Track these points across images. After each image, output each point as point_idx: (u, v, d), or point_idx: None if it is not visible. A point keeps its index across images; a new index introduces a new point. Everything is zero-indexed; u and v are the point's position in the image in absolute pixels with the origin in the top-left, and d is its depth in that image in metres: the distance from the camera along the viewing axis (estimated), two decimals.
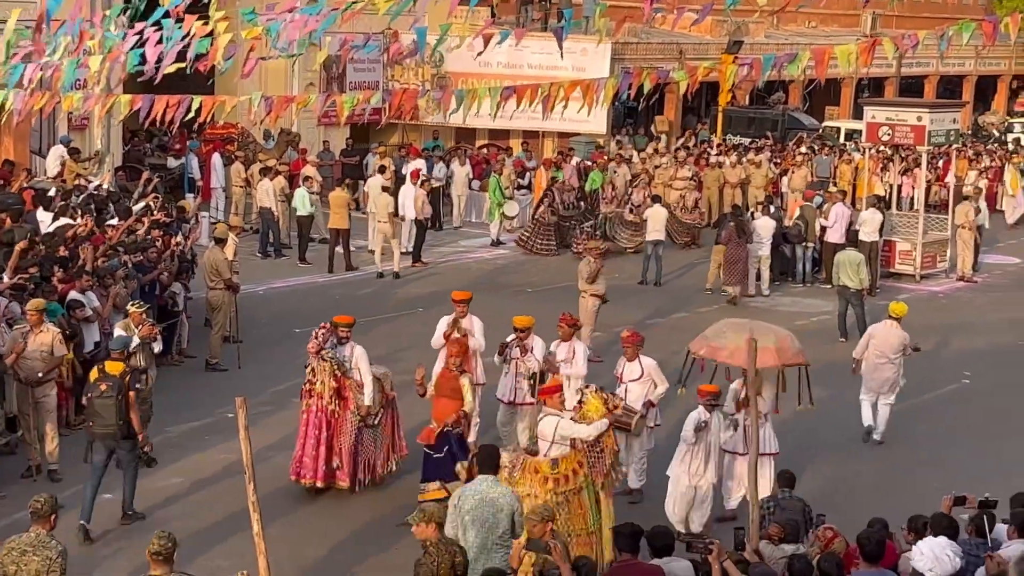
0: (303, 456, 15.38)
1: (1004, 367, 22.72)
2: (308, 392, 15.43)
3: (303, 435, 15.41)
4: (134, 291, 19.14)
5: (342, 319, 15.89)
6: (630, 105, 47.17)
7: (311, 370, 15.46)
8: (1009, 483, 12.62)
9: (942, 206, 34.97)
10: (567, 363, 16.33)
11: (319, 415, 15.29)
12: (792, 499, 13.09)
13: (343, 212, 28.84)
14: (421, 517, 10.06)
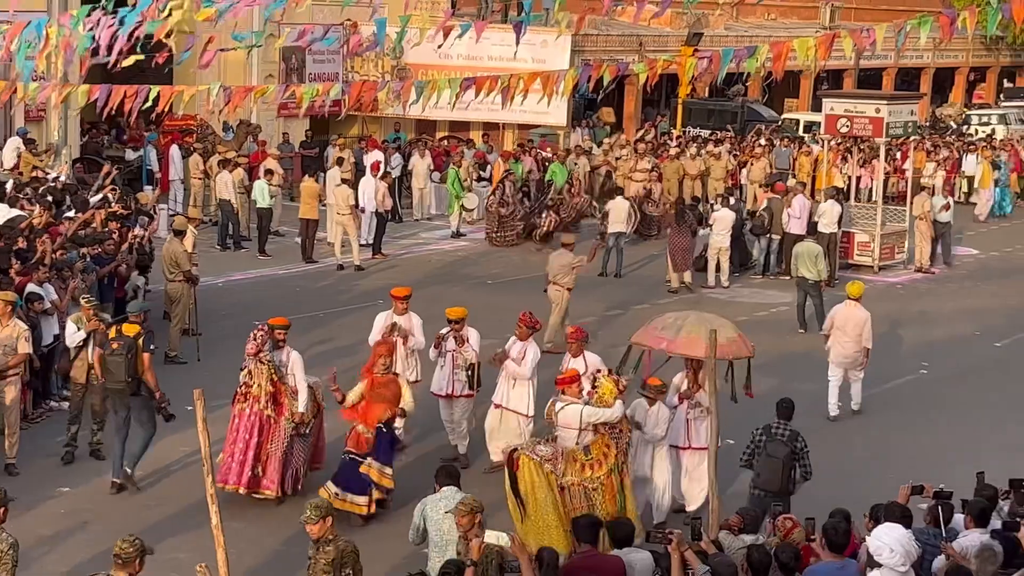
0: (231, 461, 14.91)
1: (961, 357, 22.88)
2: (244, 395, 14.97)
3: (232, 439, 14.97)
4: (92, 284, 19.03)
5: (278, 321, 15.43)
6: (590, 97, 47.21)
7: (247, 372, 15.02)
8: (966, 472, 12.68)
9: (900, 198, 35.14)
10: (516, 362, 16.09)
11: (252, 419, 14.85)
12: (786, 429, 13.69)
13: (313, 203, 28.83)
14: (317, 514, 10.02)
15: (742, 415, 15.18)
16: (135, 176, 32.30)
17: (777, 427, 13.81)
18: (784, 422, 13.85)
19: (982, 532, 10.68)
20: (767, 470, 13.58)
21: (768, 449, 13.63)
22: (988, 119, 54.76)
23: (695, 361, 15.04)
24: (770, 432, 13.76)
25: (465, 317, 16.32)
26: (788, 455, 13.59)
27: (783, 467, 13.54)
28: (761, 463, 13.67)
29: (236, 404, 15.05)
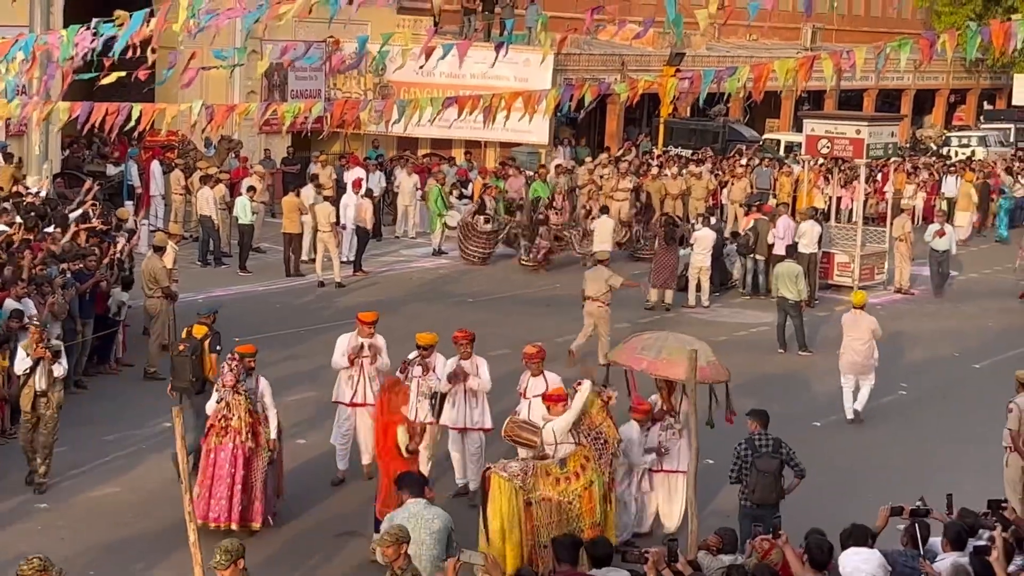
0: (211, 498, 14.45)
1: (940, 378, 22.95)
2: (223, 429, 14.50)
3: (211, 475, 14.51)
4: (72, 299, 18.99)
5: (247, 349, 15.12)
6: (571, 116, 47.27)
7: (225, 404, 14.56)
8: (943, 493, 12.71)
9: (880, 219, 35.24)
10: (474, 377, 15.85)
11: (235, 452, 14.44)
12: (768, 439, 13.94)
13: (295, 217, 28.88)
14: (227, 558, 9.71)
15: (719, 435, 15.16)
16: (116, 191, 32.23)
17: (759, 439, 13.98)
18: (764, 432, 14.06)
19: (960, 555, 10.71)
20: (761, 486, 13.77)
21: (758, 465, 13.79)
22: (968, 141, 55.00)
23: (668, 383, 15.01)
24: (754, 446, 13.91)
25: (435, 344, 15.67)
26: (778, 466, 13.83)
27: (775, 480, 13.82)
28: (754, 480, 13.79)
29: (211, 437, 14.60)
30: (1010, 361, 22.60)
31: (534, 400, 15.27)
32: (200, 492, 14.47)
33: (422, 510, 11.22)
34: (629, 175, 37.03)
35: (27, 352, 15.69)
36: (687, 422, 14.36)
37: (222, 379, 14.66)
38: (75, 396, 19.39)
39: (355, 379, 16.31)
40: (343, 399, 16.47)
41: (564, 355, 21.38)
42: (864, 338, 20.03)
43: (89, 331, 20.01)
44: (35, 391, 15.63)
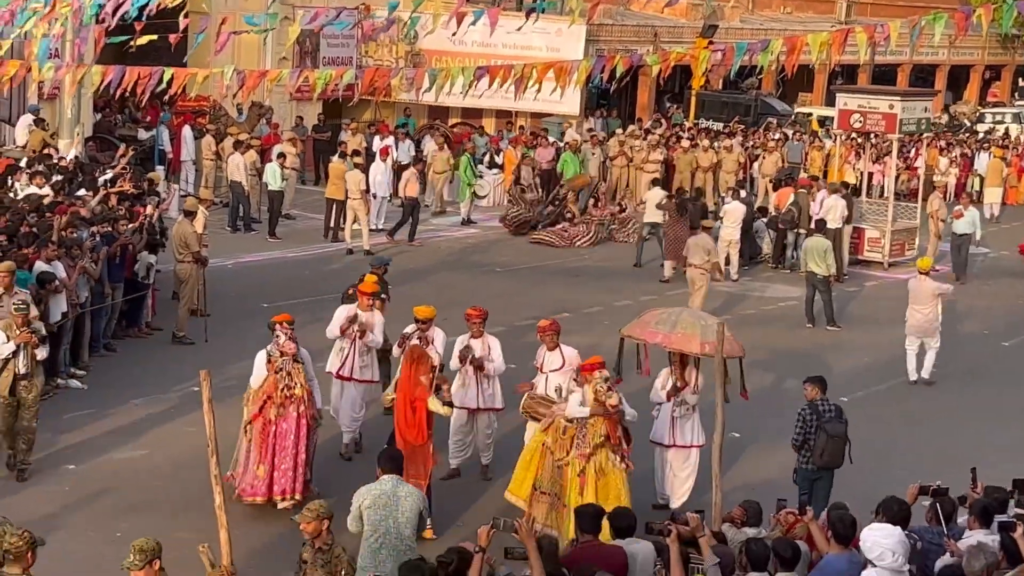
0: (274, 471, 14.08)
1: (968, 356, 22.85)
2: (287, 399, 14.11)
3: (272, 448, 14.10)
4: (101, 262, 19.07)
5: (283, 317, 14.67)
6: (603, 87, 47.12)
7: (287, 374, 14.18)
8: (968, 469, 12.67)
9: (911, 195, 35.08)
10: (486, 359, 15.49)
11: (300, 422, 14.10)
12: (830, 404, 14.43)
13: (340, 183, 28.92)
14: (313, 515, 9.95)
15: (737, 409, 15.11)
16: (147, 156, 32.31)
17: (823, 404, 14.38)
18: (826, 399, 14.50)
19: (986, 533, 10.67)
20: (830, 450, 14.21)
21: (827, 429, 14.20)
22: (1002, 118, 54.64)
23: (681, 358, 14.88)
24: (819, 411, 14.31)
25: (433, 317, 15.43)
26: (844, 431, 14.31)
27: (843, 443, 14.27)
28: (822, 444, 14.20)
29: (269, 409, 14.15)
30: None
31: (551, 374, 15.21)
32: (256, 468, 14.11)
33: (395, 487, 11.01)
34: (659, 147, 36.98)
35: (8, 336, 14.98)
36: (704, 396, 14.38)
37: (280, 347, 14.23)
38: (104, 359, 19.53)
39: (345, 351, 16.02)
40: (331, 369, 16.26)
41: (593, 326, 21.29)
42: (928, 302, 20.66)
43: (118, 295, 20.09)
44: (15, 375, 15.01)
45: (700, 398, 14.98)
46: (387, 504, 10.90)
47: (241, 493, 14.19)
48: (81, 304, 18.55)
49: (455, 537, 12.82)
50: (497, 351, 15.66)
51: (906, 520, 10.52)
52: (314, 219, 30.91)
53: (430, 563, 9.32)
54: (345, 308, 16.23)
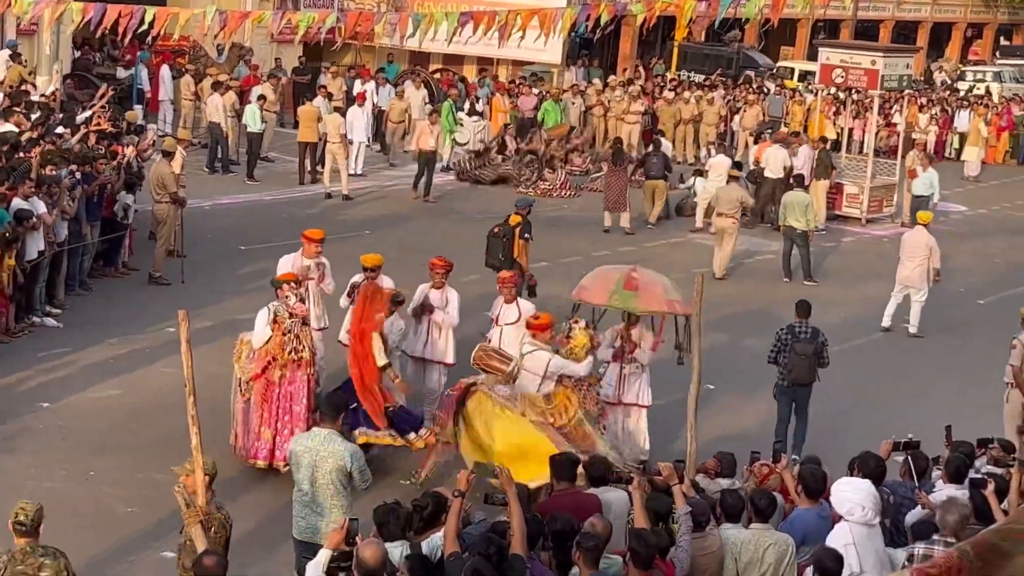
0: (277, 435, 13.64)
1: (944, 313, 22.91)
2: (295, 362, 13.65)
3: (275, 410, 13.70)
4: (79, 201, 18.98)
5: (288, 276, 14.30)
6: (586, 37, 46.92)
7: (294, 337, 13.71)
8: (941, 427, 12.75)
9: (891, 152, 35.10)
10: (440, 311, 15.25)
11: (309, 385, 13.72)
12: (808, 327, 15.44)
13: (312, 126, 28.78)
14: None
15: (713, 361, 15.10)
16: (125, 95, 32.11)
17: (799, 327, 15.48)
18: (805, 321, 15.54)
19: (957, 488, 10.75)
20: (797, 367, 15.36)
21: (796, 348, 15.34)
22: (983, 76, 54.63)
23: (632, 318, 14.66)
24: (794, 332, 15.46)
25: (380, 265, 15.01)
26: (814, 351, 15.33)
27: (810, 362, 15.34)
28: (791, 360, 15.37)
29: (272, 371, 13.66)
30: (1015, 298, 22.55)
31: (506, 327, 15.01)
32: (261, 431, 13.75)
33: (323, 442, 10.59)
34: (640, 98, 36.93)
35: None
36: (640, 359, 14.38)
37: (290, 308, 13.74)
38: (80, 298, 19.47)
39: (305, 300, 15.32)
40: None
41: (571, 276, 21.25)
42: (919, 254, 21.07)
43: (96, 233, 20.01)
44: None
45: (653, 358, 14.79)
46: (311, 462, 10.54)
47: (244, 454, 13.86)
48: (59, 243, 18.47)
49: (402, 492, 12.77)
50: (454, 304, 15.35)
51: (882, 475, 10.60)
52: (293, 162, 30.76)
53: (405, 507, 9.33)
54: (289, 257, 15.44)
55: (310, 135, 29.04)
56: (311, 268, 15.30)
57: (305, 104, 30.03)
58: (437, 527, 9.18)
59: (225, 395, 14.31)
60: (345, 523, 8.73)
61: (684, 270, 22.71)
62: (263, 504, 13.27)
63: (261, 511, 13.12)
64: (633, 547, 8.76)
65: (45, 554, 8.68)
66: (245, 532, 12.53)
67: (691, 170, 30.80)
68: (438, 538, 9.01)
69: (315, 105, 29.69)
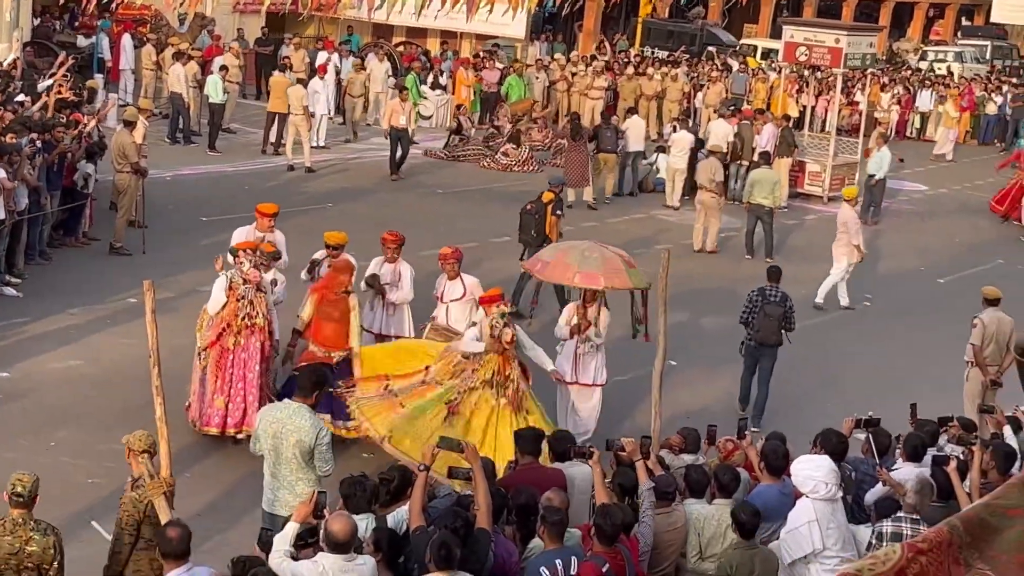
0: (230, 402, 13.59)
1: (904, 292, 23.06)
2: (248, 328, 13.54)
3: (229, 378, 13.61)
4: (41, 169, 18.82)
5: (247, 245, 14.18)
6: (550, 11, 46.93)
7: (248, 302, 13.60)
8: (902, 405, 12.82)
9: (853, 130, 35.20)
10: (392, 287, 15.09)
11: (262, 352, 13.61)
12: (778, 291, 16.17)
13: (283, 96, 28.60)
14: None
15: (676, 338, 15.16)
16: (86, 63, 31.85)
17: (770, 290, 16.16)
18: (775, 285, 16.23)
19: (915, 466, 10.81)
20: (765, 327, 16.04)
21: (765, 310, 16.02)
22: (945, 56, 54.86)
23: (588, 295, 14.53)
24: (765, 295, 16.14)
25: (344, 243, 14.90)
26: (781, 315, 16.01)
27: (777, 324, 16.04)
28: (759, 321, 16.05)
29: (227, 338, 13.58)
30: (975, 277, 22.73)
31: (452, 304, 14.86)
32: (213, 398, 13.68)
33: (291, 415, 10.36)
34: (604, 73, 36.90)
35: None
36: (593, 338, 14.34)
37: (244, 274, 13.61)
38: (40, 267, 19.32)
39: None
40: None
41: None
42: (838, 229, 21.38)
43: (55, 203, 19.85)
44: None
45: (607, 336, 14.67)
46: (275, 433, 10.33)
47: (197, 423, 13.78)
48: (19, 212, 18.31)
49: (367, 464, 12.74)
50: (407, 279, 15.22)
51: (844, 452, 10.64)
52: (254, 133, 30.66)
53: (371, 480, 9.30)
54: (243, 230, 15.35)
55: (280, 105, 28.84)
56: (263, 242, 15.05)
57: (275, 74, 29.85)
58: (403, 501, 9.16)
59: (186, 366, 14.16)
60: (313, 496, 8.68)
61: (647, 246, 22.80)
62: (223, 476, 13.24)
63: (221, 483, 13.09)
64: (598, 523, 8.77)
65: (36, 529, 8.68)
66: (207, 503, 12.55)
67: (654, 146, 30.80)
68: (404, 511, 8.99)
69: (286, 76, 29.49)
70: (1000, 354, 15.64)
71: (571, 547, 8.78)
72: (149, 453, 9.30)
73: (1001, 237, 28.30)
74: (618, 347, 15.09)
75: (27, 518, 8.69)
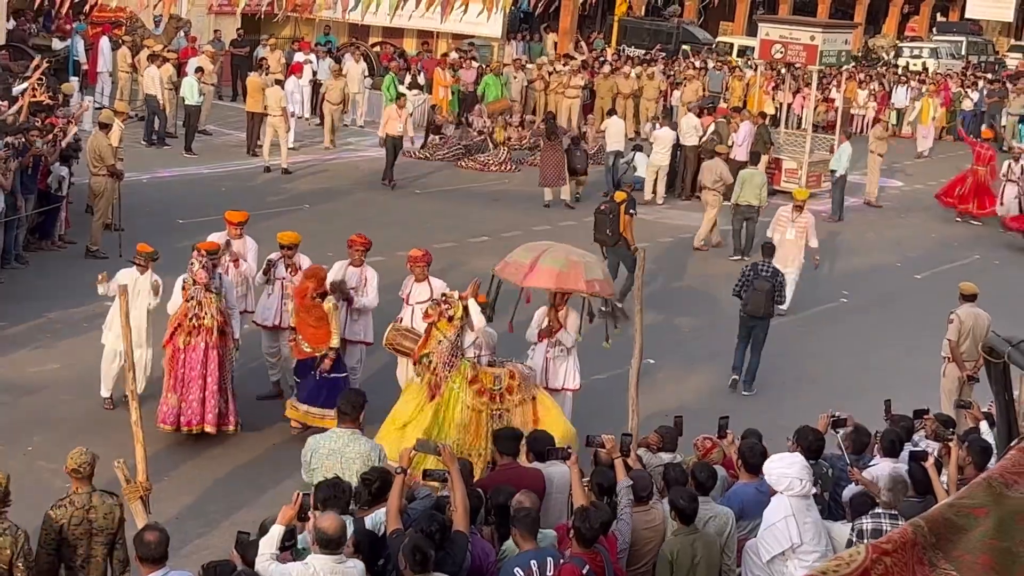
0: (183, 401, 13.69)
1: (881, 287, 23.13)
2: (195, 328, 13.65)
3: (181, 377, 13.70)
4: (14, 172, 18.74)
5: (211, 246, 14.27)
6: (526, 11, 46.92)
7: (197, 303, 13.71)
8: (877, 400, 12.86)
9: (829, 127, 35.28)
10: (357, 292, 14.92)
11: (208, 352, 13.64)
12: (769, 266, 17.22)
13: (259, 96, 28.56)
14: None
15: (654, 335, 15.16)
16: (61, 66, 31.72)
17: (762, 265, 17.23)
18: (768, 260, 17.41)
19: (892, 461, 10.85)
20: (754, 300, 16.97)
21: (755, 284, 16.94)
22: (920, 52, 55.02)
23: (559, 298, 14.34)
24: (757, 270, 17.13)
25: (298, 243, 15.03)
26: (770, 289, 16.93)
27: (766, 297, 16.94)
28: (750, 294, 16.97)
29: (178, 337, 13.72)
30: (951, 272, 22.83)
31: (417, 306, 14.65)
32: (167, 396, 13.77)
33: (348, 442, 10.27)
34: (580, 72, 36.93)
35: None
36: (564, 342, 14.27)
37: (194, 275, 13.78)
38: (16, 271, 19.25)
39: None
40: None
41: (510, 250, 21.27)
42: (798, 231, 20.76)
43: (30, 206, 19.78)
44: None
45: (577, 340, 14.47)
46: (337, 464, 10.14)
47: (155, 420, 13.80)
48: None
49: None
50: (373, 285, 15.13)
51: (820, 449, 10.68)
52: (230, 135, 30.61)
53: (346, 482, 9.27)
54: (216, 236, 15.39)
55: (255, 105, 28.83)
56: (228, 247, 15.25)
57: (251, 75, 29.84)
58: (383, 502, 9.14)
59: (162, 369, 14.18)
60: (298, 497, 8.63)
61: None
62: (200, 480, 13.22)
63: (199, 487, 13.07)
64: (577, 526, 8.77)
65: (6, 531, 8.69)
66: (184, 506, 12.52)
67: (631, 144, 30.79)
68: (382, 514, 8.98)
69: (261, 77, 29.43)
70: (976, 350, 15.67)
71: (546, 548, 8.78)
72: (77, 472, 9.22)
73: (977, 233, 28.41)
74: (595, 346, 15.08)
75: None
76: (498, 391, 13.06)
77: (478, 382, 13.07)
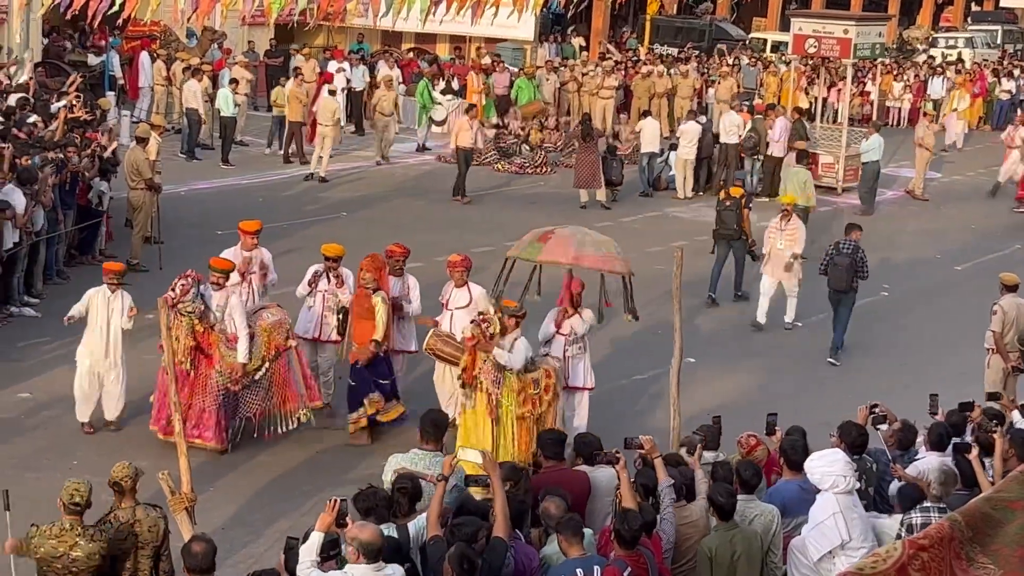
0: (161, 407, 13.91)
1: (921, 280, 23.00)
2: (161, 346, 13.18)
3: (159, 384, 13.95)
4: (55, 187, 18.87)
5: (219, 264, 14.34)
6: (558, 12, 46.87)
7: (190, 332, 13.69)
8: (921, 395, 12.79)
9: (865, 120, 35.10)
10: (404, 299, 14.90)
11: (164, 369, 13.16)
12: (851, 243, 18.27)
13: (297, 105, 28.65)
14: None
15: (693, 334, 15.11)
16: (97, 82, 31.93)
17: (844, 243, 18.32)
18: (849, 238, 18.35)
19: (940, 455, 10.80)
20: (835, 275, 18.23)
21: (835, 260, 18.19)
22: (955, 42, 54.66)
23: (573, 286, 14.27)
24: (838, 247, 18.33)
25: (343, 256, 14.94)
26: (849, 265, 18.05)
27: (845, 273, 18.10)
28: (831, 271, 18.24)
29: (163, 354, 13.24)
30: (992, 263, 22.68)
31: (456, 312, 14.64)
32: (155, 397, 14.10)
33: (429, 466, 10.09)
34: (614, 72, 36.87)
35: None
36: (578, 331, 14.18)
37: (164, 296, 13.27)
38: (58, 287, 19.35)
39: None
40: None
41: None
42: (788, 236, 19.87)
43: (69, 222, 19.91)
44: None
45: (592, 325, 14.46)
46: None
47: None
48: (36, 232, 18.36)
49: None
50: (415, 292, 15.06)
51: (864, 444, 10.65)
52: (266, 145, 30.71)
53: (382, 490, 9.27)
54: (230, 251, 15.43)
55: (294, 114, 29.06)
56: (251, 262, 15.30)
57: (288, 84, 30.01)
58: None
59: None
60: (335, 504, 8.55)
61: (663, 243, 22.76)
62: (244, 489, 13.28)
63: (243, 496, 13.12)
64: (618, 528, 8.77)
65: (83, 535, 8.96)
66: (228, 517, 12.57)
67: (667, 143, 30.72)
68: (423, 520, 8.98)
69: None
70: (1015, 342, 15.59)
71: (592, 555, 8.77)
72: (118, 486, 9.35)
73: (1016, 223, 28.21)
74: (636, 346, 15.08)
75: (75, 524, 8.96)
76: (537, 395, 13.08)
77: (523, 392, 13.08)
